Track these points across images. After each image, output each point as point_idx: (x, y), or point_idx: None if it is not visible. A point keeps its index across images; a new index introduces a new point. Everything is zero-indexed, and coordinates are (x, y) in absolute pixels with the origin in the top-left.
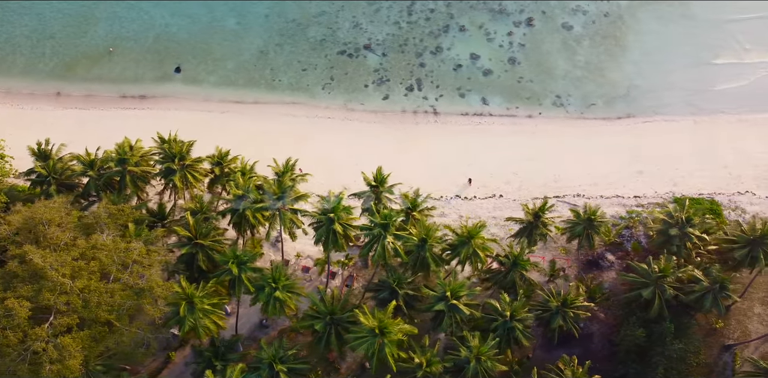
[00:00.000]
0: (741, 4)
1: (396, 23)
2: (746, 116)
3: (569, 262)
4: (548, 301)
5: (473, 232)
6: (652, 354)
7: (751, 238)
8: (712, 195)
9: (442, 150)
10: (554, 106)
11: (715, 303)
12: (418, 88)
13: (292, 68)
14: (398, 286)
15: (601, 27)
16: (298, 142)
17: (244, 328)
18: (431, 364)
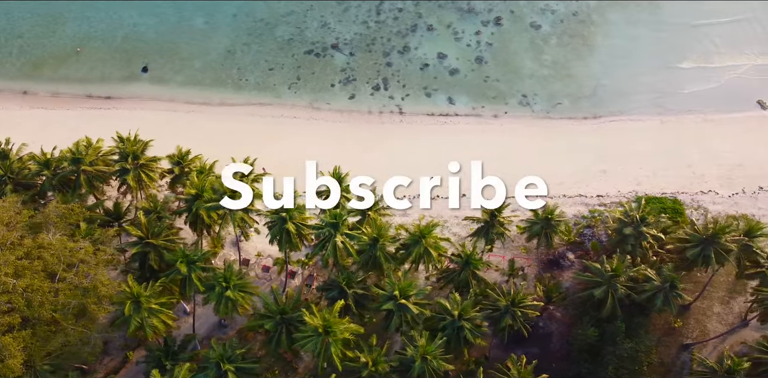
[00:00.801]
0: (710, 9)
1: (364, 23)
2: (712, 116)
3: (529, 261)
4: (497, 300)
5: (425, 231)
6: (604, 353)
7: (704, 238)
8: (675, 194)
9: (407, 150)
10: (520, 106)
11: (666, 302)
12: (384, 87)
13: (259, 68)
14: (347, 286)
15: (569, 26)
16: (263, 142)
17: (202, 328)
18: (377, 364)
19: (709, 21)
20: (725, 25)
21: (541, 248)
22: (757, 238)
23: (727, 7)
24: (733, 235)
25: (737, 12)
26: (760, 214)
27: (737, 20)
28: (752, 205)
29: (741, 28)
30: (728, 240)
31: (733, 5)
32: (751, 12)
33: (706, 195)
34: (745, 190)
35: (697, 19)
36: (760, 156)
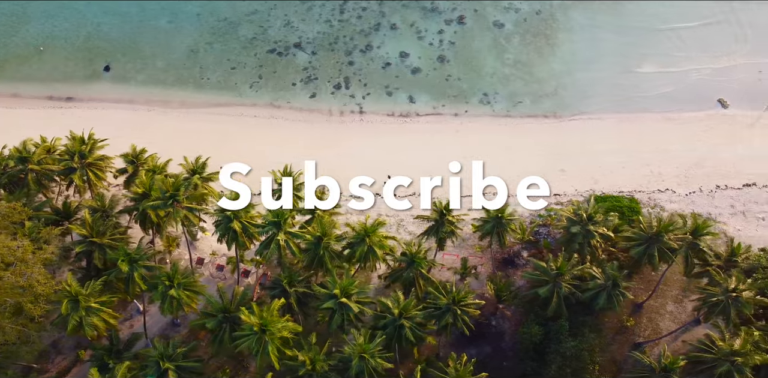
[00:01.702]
0: (673, 11)
1: (327, 21)
2: (672, 115)
3: (483, 260)
4: (438, 298)
5: (369, 230)
6: (549, 352)
7: (648, 236)
8: (633, 193)
9: (367, 149)
10: (481, 104)
11: (609, 300)
12: (345, 86)
13: (221, 67)
14: (289, 285)
15: (532, 25)
16: (223, 141)
17: (156, 327)
18: (315, 362)
19: (671, 26)
20: (688, 29)
21: (495, 247)
22: (704, 236)
23: (691, 11)
24: (677, 233)
25: (701, 17)
26: (717, 212)
27: (702, 25)
28: (708, 204)
29: (705, 32)
30: (671, 238)
31: (696, 10)
32: (713, 17)
33: (663, 193)
34: (702, 188)
35: (662, 21)
36: (718, 155)
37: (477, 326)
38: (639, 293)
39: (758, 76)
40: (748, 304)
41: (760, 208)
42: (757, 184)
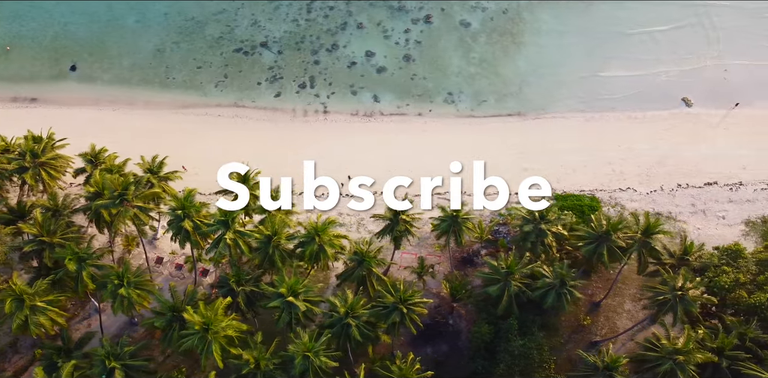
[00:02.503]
0: (642, 16)
1: (294, 21)
2: (636, 113)
3: (441, 258)
4: (384, 296)
5: (319, 229)
6: (498, 350)
7: (598, 235)
8: (594, 191)
9: (329, 148)
10: (445, 104)
11: (558, 299)
12: (310, 85)
13: (187, 66)
14: (237, 284)
15: (498, 24)
16: (187, 140)
17: (114, 326)
18: (260, 361)
19: (640, 30)
20: (658, 33)
21: (453, 246)
22: (656, 235)
23: (661, 15)
24: (625, 231)
25: (671, 20)
26: (677, 211)
27: (672, 28)
28: (669, 203)
29: (674, 35)
30: (620, 237)
31: (667, 14)
32: (683, 20)
33: (625, 192)
34: (663, 187)
35: (630, 25)
36: (681, 153)
37: (434, 325)
38: (597, 292)
39: (723, 75)
40: (694, 303)
41: (720, 207)
42: (719, 182)
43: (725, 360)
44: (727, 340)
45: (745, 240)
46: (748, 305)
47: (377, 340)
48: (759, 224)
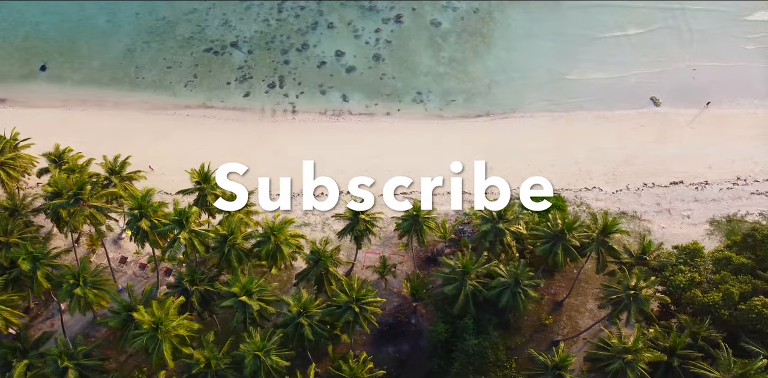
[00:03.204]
0: (609, 20)
1: (265, 21)
2: (604, 113)
3: (405, 258)
4: (338, 295)
5: (275, 228)
6: (454, 349)
7: (553, 234)
8: (559, 191)
9: (296, 147)
10: (414, 103)
11: (513, 298)
12: (279, 85)
13: (157, 66)
14: (191, 283)
15: (469, 23)
16: (155, 140)
17: (77, 325)
18: (210, 360)
19: (606, 34)
20: (631, 36)
21: (417, 245)
22: (613, 234)
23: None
24: (584, 231)
25: (644, 24)
26: (642, 210)
27: (647, 31)
28: (635, 202)
29: (646, 38)
30: (575, 236)
31: (640, 17)
32: (656, 23)
33: (590, 191)
34: (629, 186)
35: (600, 28)
36: (648, 153)
37: (397, 324)
38: (560, 291)
39: (692, 74)
40: (646, 302)
41: (685, 206)
42: (684, 182)
43: (677, 359)
44: (679, 339)
45: (710, 239)
46: (702, 304)
47: (335, 340)
48: (723, 223)
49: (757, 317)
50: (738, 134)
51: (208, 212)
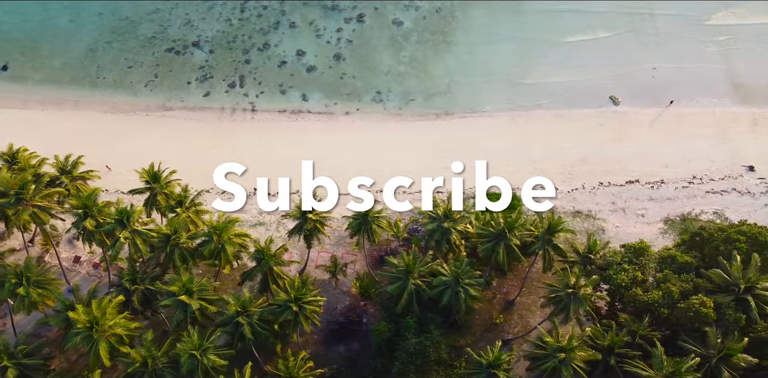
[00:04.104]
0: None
1: (228, 20)
2: (563, 112)
3: (357, 257)
4: (278, 294)
5: (219, 227)
6: (396, 348)
7: (496, 233)
8: (515, 190)
9: (253, 147)
10: (373, 102)
11: (455, 298)
12: (240, 84)
13: (118, 66)
14: (131, 282)
15: (431, 23)
16: (114, 140)
17: (29, 325)
18: (147, 360)
19: (568, 38)
20: (593, 40)
21: (369, 245)
22: (559, 233)
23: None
24: (522, 230)
25: (608, 28)
26: (597, 209)
27: (612, 35)
28: (590, 201)
29: (610, 42)
30: (517, 235)
31: (602, 21)
32: (620, 28)
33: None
34: (585, 185)
35: (558, 27)
36: (605, 152)
37: (348, 323)
38: (512, 290)
39: (652, 73)
40: (584, 301)
41: (640, 205)
42: (640, 180)
43: (614, 357)
44: (617, 338)
45: (663, 238)
46: (642, 303)
47: (283, 339)
48: (678, 222)
49: (695, 316)
50: (696, 133)
51: (160, 212)
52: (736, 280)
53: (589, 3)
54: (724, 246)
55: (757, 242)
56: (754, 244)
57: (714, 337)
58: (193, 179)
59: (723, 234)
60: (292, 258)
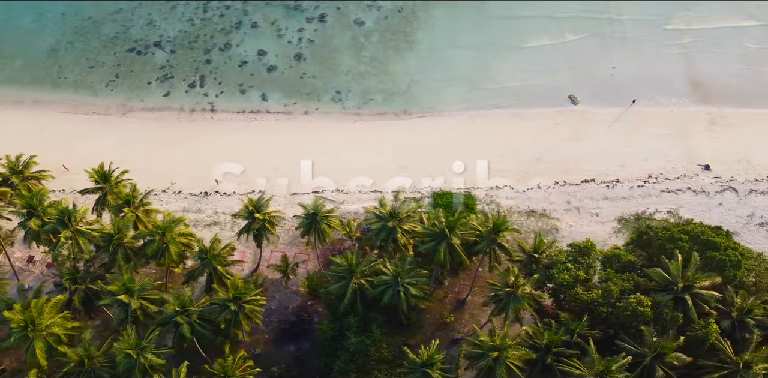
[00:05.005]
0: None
1: (190, 20)
2: (521, 111)
3: (310, 256)
4: (218, 293)
5: (163, 227)
6: (339, 348)
7: (438, 232)
8: (470, 189)
9: (211, 147)
10: (332, 102)
11: (396, 297)
12: (200, 84)
13: (79, 66)
14: (72, 282)
15: (392, 23)
16: (72, 140)
17: None
18: (83, 359)
19: (529, 44)
20: (546, 42)
21: (326, 243)
22: (503, 232)
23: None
24: (464, 229)
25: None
26: (552, 208)
27: (578, 39)
28: (545, 200)
29: (566, 47)
30: (458, 234)
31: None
32: (584, 31)
33: (501, 190)
34: (540, 184)
35: (518, 32)
36: (562, 151)
37: (299, 323)
38: (464, 289)
39: (611, 72)
40: (522, 300)
41: (594, 204)
42: (596, 180)
43: (551, 356)
44: (554, 336)
45: (617, 237)
46: (582, 302)
47: (232, 338)
48: (632, 221)
49: (632, 315)
50: (654, 132)
51: (113, 211)
52: (675, 278)
53: (553, 8)
54: (668, 245)
55: (699, 241)
56: (696, 243)
57: (650, 336)
58: (149, 179)
59: (667, 233)
60: (244, 257)
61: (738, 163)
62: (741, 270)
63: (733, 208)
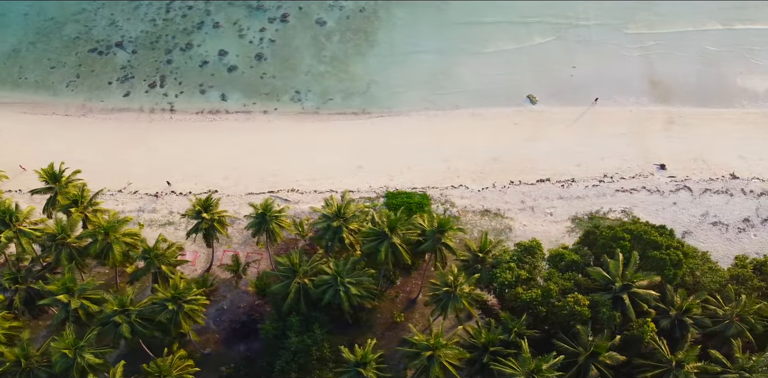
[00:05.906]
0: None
1: (152, 20)
2: (479, 110)
3: (262, 255)
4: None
5: (107, 227)
6: (282, 347)
7: (379, 232)
8: (426, 189)
9: (169, 147)
10: (291, 102)
11: (337, 296)
12: (160, 84)
13: (40, 66)
14: (12, 282)
15: (354, 22)
16: (30, 140)
17: None
18: (20, 359)
19: (489, 49)
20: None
21: (273, 244)
22: (448, 232)
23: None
24: (406, 229)
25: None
26: (506, 207)
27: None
28: (499, 199)
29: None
30: (400, 234)
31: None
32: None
33: (456, 189)
34: (495, 184)
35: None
36: (519, 150)
37: (250, 322)
38: (415, 289)
39: (571, 72)
40: (461, 299)
41: (549, 204)
42: (551, 179)
43: (488, 355)
44: (492, 336)
45: (570, 236)
46: (522, 301)
47: (180, 338)
48: (585, 220)
49: (569, 314)
50: (612, 132)
51: (61, 211)
52: (614, 278)
53: (514, 13)
54: (611, 244)
55: (642, 240)
56: (639, 242)
57: (585, 335)
58: (106, 179)
59: (611, 232)
60: (197, 257)
61: (694, 163)
62: (683, 269)
63: (687, 208)
